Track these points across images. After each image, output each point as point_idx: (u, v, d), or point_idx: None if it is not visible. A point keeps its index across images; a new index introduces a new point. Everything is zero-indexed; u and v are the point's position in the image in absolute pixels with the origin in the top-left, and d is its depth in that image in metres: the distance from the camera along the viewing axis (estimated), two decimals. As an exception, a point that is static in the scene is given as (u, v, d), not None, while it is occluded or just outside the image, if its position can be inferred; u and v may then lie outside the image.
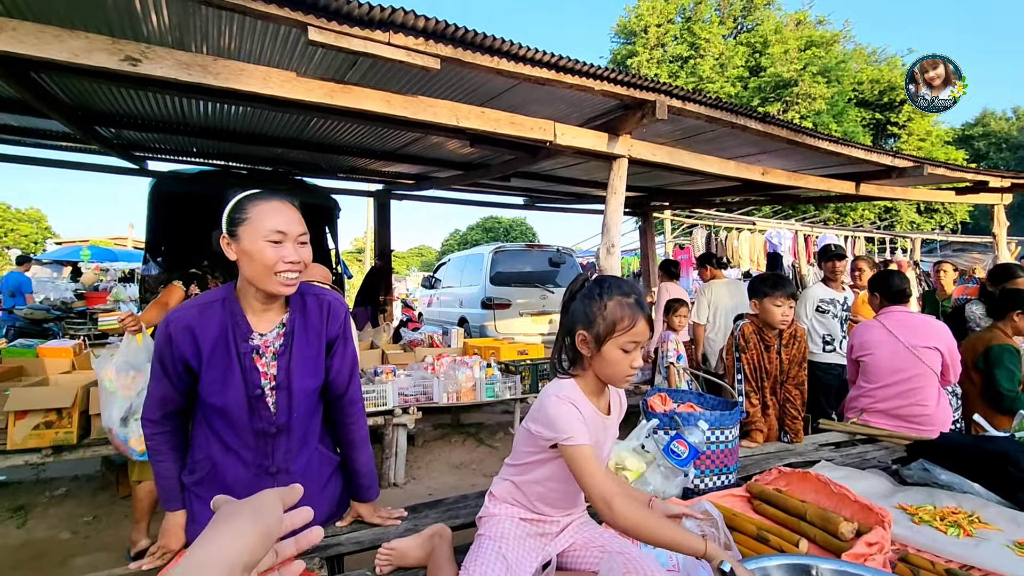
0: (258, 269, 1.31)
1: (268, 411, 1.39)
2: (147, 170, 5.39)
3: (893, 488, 1.88)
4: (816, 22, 22.99)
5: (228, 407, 1.36)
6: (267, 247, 1.30)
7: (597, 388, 1.30)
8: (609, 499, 1.12)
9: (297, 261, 1.33)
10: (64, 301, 9.80)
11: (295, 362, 1.41)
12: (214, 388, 1.35)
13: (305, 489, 1.49)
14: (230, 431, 1.39)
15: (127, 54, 2.21)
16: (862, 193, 5.36)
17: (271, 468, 1.42)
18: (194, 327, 1.34)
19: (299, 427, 1.45)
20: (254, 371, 1.37)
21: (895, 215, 20.00)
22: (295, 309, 1.44)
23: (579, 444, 1.17)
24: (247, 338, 1.37)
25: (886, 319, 2.87)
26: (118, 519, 3.35)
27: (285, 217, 1.32)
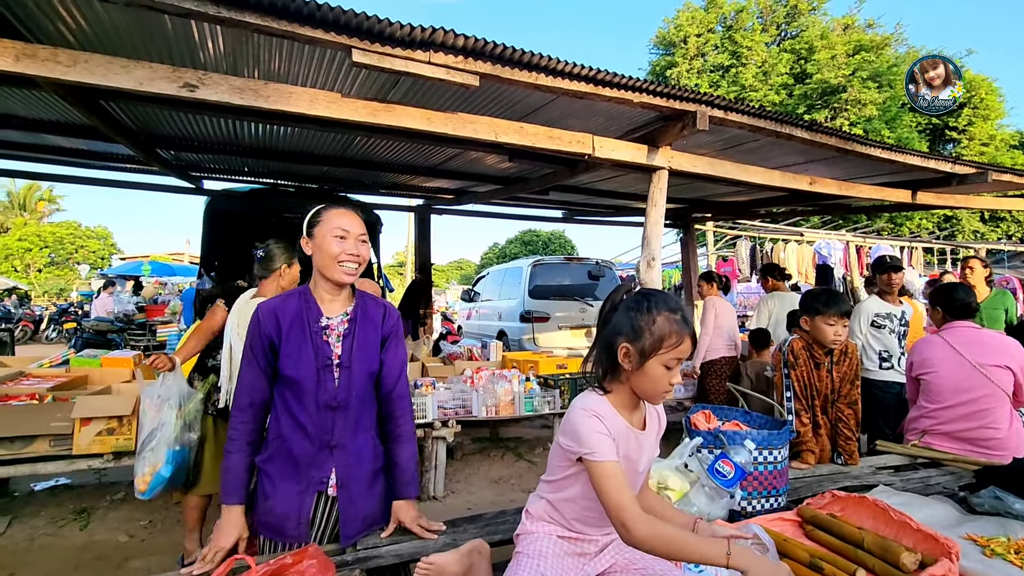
0: (325, 258, 1.59)
1: (332, 384, 1.60)
2: (203, 189, 5.68)
3: (961, 517, 1.75)
4: (865, 26, 22.23)
5: (300, 378, 1.57)
6: (333, 241, 1.58)
7: (631, 402, 1.27)
8: (624, 519, 1.10)
9: (356, 254, 1.61)
10: (126, 313, 10.38)
11: (356, 345, 1.64)
12: (290, 361, 1.58)
13: (356, 472, 1.61)
14: (299, 404, 1.59)
15: (186, 81, 2.34)
16: (919, 202, 5.10)
17: (331, 442, 1.60)
18: (277, 310, 1.61)
19: (355, 407, 1.64)
20: (325, 346, 1.61)
21: (956, 224, 18.94)
22: (358, 304, 1.69)
23: (602, 460, 1.14)
24: (318, 319, 1.62)
25: (950, 335, 2.70)
26: (171, 524, 3.49)
27: (349, 219, 1.62)
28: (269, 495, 1.59)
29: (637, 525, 1.09)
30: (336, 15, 2.12)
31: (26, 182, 30.52)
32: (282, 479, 1.59)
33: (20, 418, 3.00)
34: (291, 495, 1.58)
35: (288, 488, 1.59)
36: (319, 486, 1.60)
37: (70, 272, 28.85)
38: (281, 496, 1.58)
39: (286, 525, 1.58)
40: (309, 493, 1.59)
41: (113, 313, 10.30)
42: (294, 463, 1.59)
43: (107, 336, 9.56)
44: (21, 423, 2.99)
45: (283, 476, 1.59)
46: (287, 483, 1.59)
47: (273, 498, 1.58)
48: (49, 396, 3.23)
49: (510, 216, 7.63)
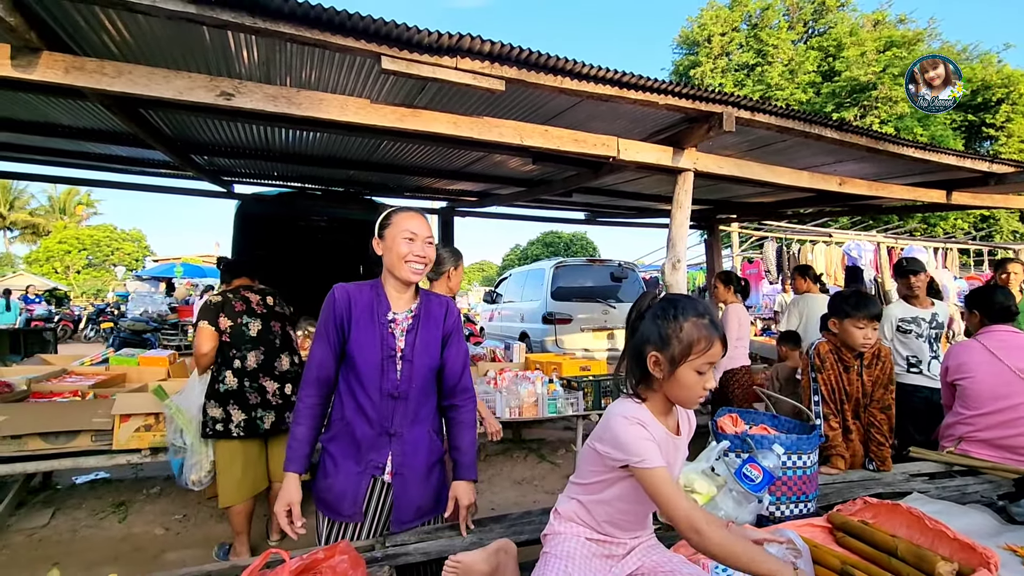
0: (394, 258, 1.69)
1: (395, 375, 1.70)
2: (233, 193, 5.82)
3: (999, 527, 1.70)
4: (896, 21, 21.65)
5: (365, 364, 1.67)
6: (403, 242, 1.69)
7: (665, 408, 1.28)
8: (697, 524, 1.09)
9: (423, 255, 1.72)
10: (160, 314, 10.72)
11: (419, 341, 1.73)
12: (358, 346, 1.68)
13: (411, 461, 1.69)
14: (362, 390, 1.68)
15: (222, 89, 2.42)
16: (954, 202, 4.96)
17: (391, 429, 1.69)
18: (352, 295, 1.72)
19: (415, 399, 1.72)
20: (390, 338, 1.71)
21: (994, 224, 18.28)
22: (422, 302, 1.80)
23: (654, 467, 1.14)
24: (386, 313, 1.73)
25: (987, 339, 2.63)
26: (205, 519, 3.60)
27: (417, 223, 1.73)
28: (329, 473, 1.70)
29: (712, 531, 1.08)
30: (366, 24, 2.17)
31: (66, 187, 31.70)
32: (343, 459, 1.69)
33: (65, 414, 3.13)
34: (350, 475, 1.68)
35: (348, 468, 1.68)
36: (375, 470, 1.69)
37: (107, 273, 29.85)
38: (341, 475, 1.68)
39: (342, 504, 1.67)
40: (366, 475, 1.68)
41: (148, 313, 10.64)
42: (355, 445, 1.69)
43: (142, 336, 9.87)
44: (66, 418, 3.11)
45: (344, 456, 1.69)
46: (347, 463, 1.69)
47: (333, 476, 1.69)
48: (91, 393, 3.37)
49: (533, 218, 7.63)
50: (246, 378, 2.93)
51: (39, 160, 4.85)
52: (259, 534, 3.27)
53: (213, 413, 2.90)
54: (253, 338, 2.99)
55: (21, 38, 2.08)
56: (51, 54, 2.20)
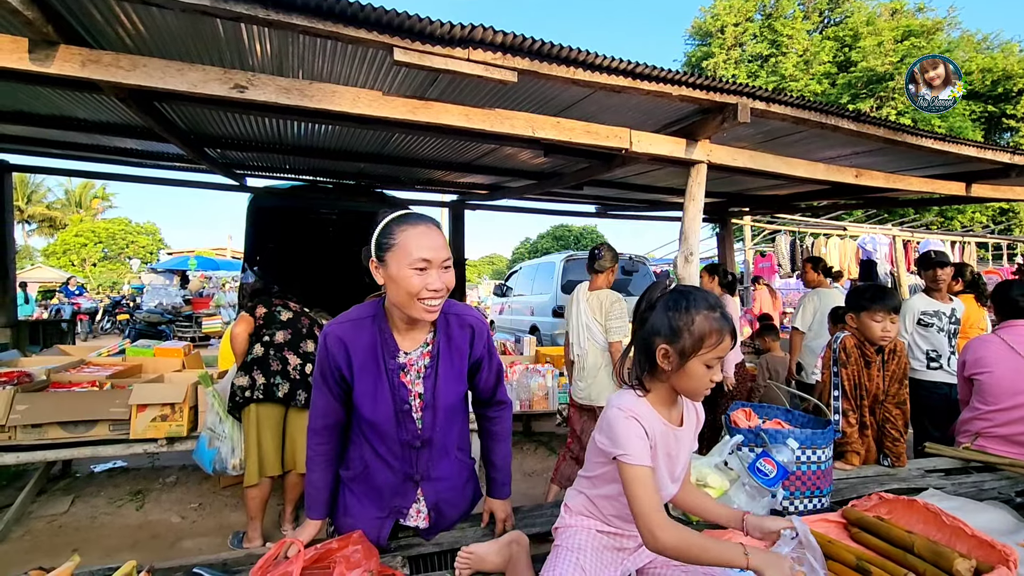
0: (403, 296, 1.33)
1: (414, 425, 1.47)
2: (246, 186, 5.87)
3: (1018, 524, 1.68)
4: (915, 10, 21.21)
5: (378, 420, 1.44)
6: (413, 275, 1.30)
7: (669, 399, 1.27)
8: (651, 525, 1.11)
9: (440, 289, 1.34)
10: (175, 306, 10.86)
11: (441, 381, 1.47)
12: (365, 400, 1.43)
13: (446, 493, 1.55)
14: (379, 441, 1.48)
15: (236, 82, 2.43)
16: (974, 195, 4.87)
17: (415, 476, 1.52)
18: (346, 340, 1.42)
19: (440, 438, 1.52)
20: (402, 388, 1.44)
21: (1013, 217, 17.94)
22: (440, 330, 1.48)
23: (635, 463, 1.14)
24: (394, 356, 1.44)
25: (1007, 334, 2.58)
26: (219, 508, 3.65)
27: (431, 243, 1.32)
28: (350, 512, 1.54)
29: (664, 531, 1.10)
30: (378, 15, 2.17)
31: (82, 180, 32.11)
32: (364, 501, 1.53)
33: (83, 403, 3.19)
34: (371, 519, 1.52)
35: (369, 512, 1.52)
36: (399, 515, 1.54)
37: (122, 266, 30.25)
38: (361, 519, 1.52)
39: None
40: (390, 519, 1.54)
41: (163, 305, 10.78)
42: (377, 490, 1.52)
43: (157, 327, 10.02)
44: (84, 408, 3.17)
45: (365, 498, 1.53)
46: (369, 507, 1.52)
47: (354, 517, 1.53)
48: (108, 383, 3.42)
49: (544, 211, 7.62)
50: (272, 348, 3.12)
51: (56, 154, 4.93)
52: (272, 522, 3.32)
53: (240, 382, 3.05)
54: (283, 321, 3.20)
55: (38, 32, 2.11)
56: (68, 48, 2.22)
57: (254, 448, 3.00)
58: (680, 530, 1.11)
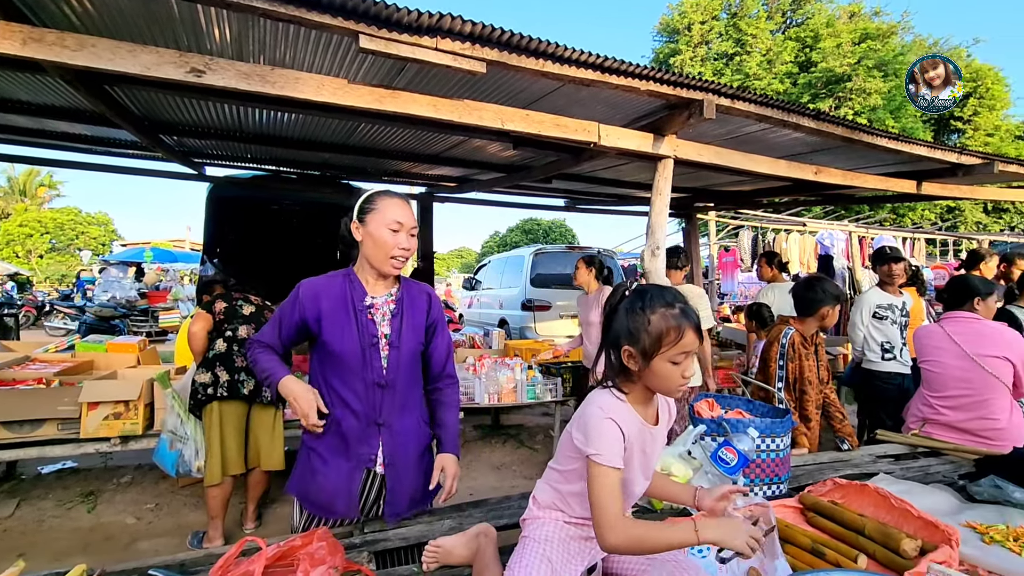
0: (375, 249, 1.59)
1: (380, 363, 1.62)
2: (205, 175, 5.65)
3: (960, 505, 1.77)
4: (872, 14, 21.98)
5: (344, 353, 1.59)
6: (387, 233, 1.58)
7: (646, 398, 1.28)
8: (604, 530, 1.12)
9: (407, 248, 1.61)
10: (129, 300, 10.42)
11: (406, 325, 1.66)
12: (334, 337, 1.59)
13: (403, 447, 1.63)
14: (344, 384, 1.60)
15: (192, 66, 2.33)
16: (924, 192, 5.08)
17: (379, 420, 1.63)
18: (319, 289, 1.63)
19: (402, 387, 1.66)
20: (370, 324, 1.62)
21: (959, 215, 18.87)
22: (403, 287, 1.72)
23: (604, 464, 1.15)
24: (362, 299, 1.64)
25: (949, 324, 2.72)
26: (178, 507, 3.54)
27: (404, 211, 1.61)
28: (318, 470, 1.62)
29: (614, 532, 1.11)
30: (343, 0, 2.11)
31: (26, 168, 30.42)
32: (331, 456, 1.62)
33: (28, 402, 3.02)
34: (341, 472, 1.61)
35: (339, 464, 1.61)
36: (368, 463, 1.63)
37: (71, 258, 28.84)
38: (332, 472, 1.61)
39: (336, 503, 1.61)
40: (359, 469, 1.62)
41: (117, 299, 10.33)
42: (343, 440, 1.61)
43: (110, 322, 9.60)
44: (29, 407, 3.01)
45: (333, 453, 1.62)
46: (337, 459, 1.61)
47: (323, 474, 1.61)
48: (56, 380, 3.26)
49: (512, 204, 7.60)
50: (236, 344, 3.03)
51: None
52: (234, 521, 3.24)
53: (202, 379, 2.96)
54: (246, 316, 3.12)
55: (-27, 6, 1.97)
56: (7, 24, 2.08)
57: (216, 446, 2.91)
58: (630, 527, 1.13)
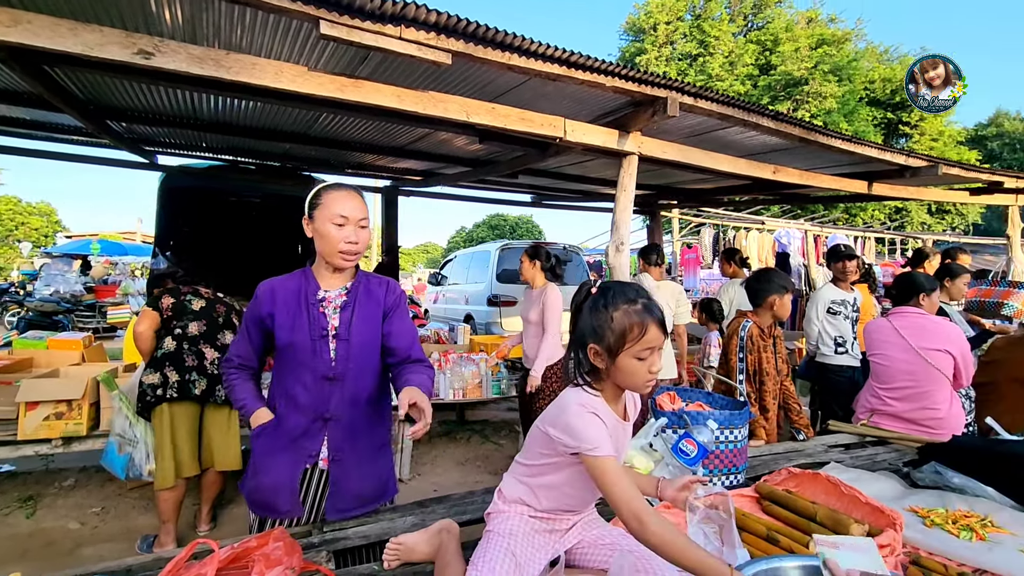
0: (324, 244, 1.58)
1: (328, 356, 1.59)
2: (156, 164, 5.41)
3: (904, 491, 1.86)
4: (828, 20, 22.78)
5: (295, 345, 1.58)
6: (332, 228, 1.56)
7: (615, 395, 1.28)
8: (640, 516, 1.08)
9: (355, 242, 1.58)
10: (74, 294, 9.90)
11: (356, 318, 1.62)
12: (284, 330, 1.59)
13: (350, 445, 1.59)
14: (293, 375, 1.60)
15: (140, 47, 2.21)
16: (874, 193, 5.30)
17: (326, 414, 1.60)
18: (276, 286, 1.63)
19: (353, 380, 1.62)
20: (320, 317, 1.60)
21: (906, 216, 19.81)
22: (360, 280, 1.69)
23: (605, 456, 1.14)
24: (315, 293, 1.63)
25: (896, 319, 2.84)
26: (126, 510, 3.38)
27: (350, 204, 1.58)
28: (260, 469, 1.61)
29: (653, 525, 1.07)
30: (302, -16, 2.04)
31: (-41, 152, 28.44)
32: (273, 452, 1.60)
33: (-42, 402, 2.84)
34: (282, 467, 1.59)
35: (279, 460, 1.59)
36: (308, 459, 1.60)
37: (10, 250, 27.19)
38: (272, 469, 1.59)
39: (279, 500, 1.58)
40: (299, 464, 1.59)
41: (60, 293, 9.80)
42: (286, 436, 1.60)
43: (52, 317, 9.11)
44: (-40, 407, 2.83)
45: (275, 450, 1.60)
46: (278, 455, 1.59)
47: (264, 472, 1.60)
48: (-9, 379, 3.07)
49: (478, 199, 7.57)
50: (186, 342, 2.89)
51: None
52: (187, 524, 3.12)
53: (150, 380, 2.81)
54: (196, 312, 2.97)
55: None
56: (-69, -4, 1.94)
57: (167, 450, 2.78)
58: (667, 526, 1.08)
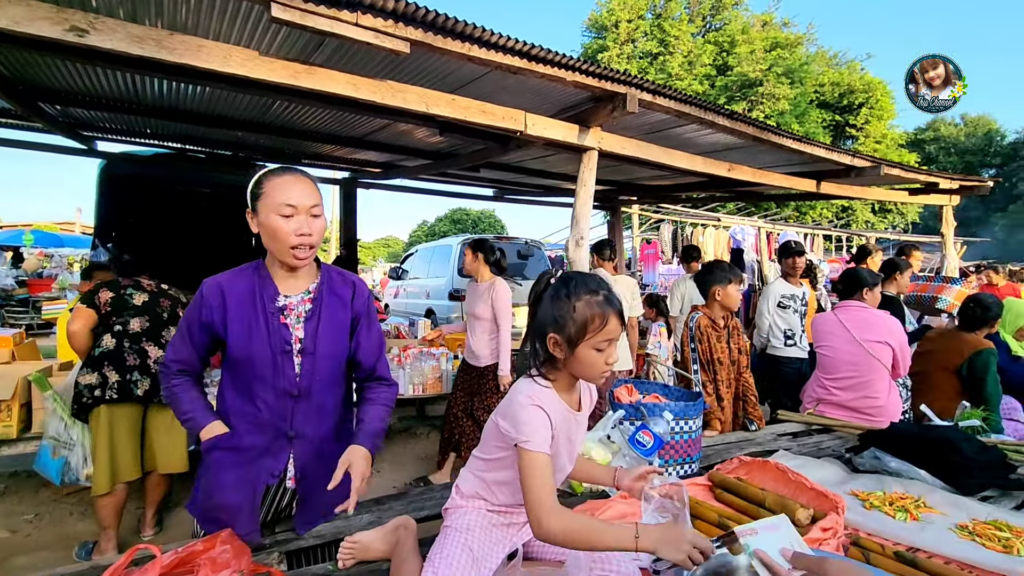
0: (274, 242, 1.38)
1: (293, 371, 1.44)
2: (96, 151, 5.10)
3: (846, 476, 1.95)
4: (781, 24, 23.58)
5: (254, 360, 1.41)
6: (279, 220, 1.35)
7: (569, 384, 1.29)
8: (540, 513, 1.10)
9: (309, 233, 1.38)
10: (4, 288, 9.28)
11: (322, 327, 1.46)
12: (240, 341, 1.41)
13: (317, 462, 1.46)
14: (249, 392, 1.43)
15: (73, 24, 2.07)
16: (822, 191, 5.53)
17: (289, 432, 1.46)
18: (224, 287, 1.42)
19: (319, 394, 1.48)
20: (282, 329, 1.43)
21: (851, 214, 20.79)
22: (323, 280, 1.51)
23: (535, 450, 1.15)
24: (273, 299, 1.44)
25: (842, 312, 2.97)
26: (62, 516, 3.20)
27: (296, 190, 1.37)
28: (213, 491, 1.44)
29: (551, 518, 1.09)
30: (252, -37, 1.95)
31: None
32: (231, 468, 1.44)
33: None
34: (241, 489, 1.43)
35: (236, 481, 1.43)
36: (271, 478, 1.47)
37: (-67, 240, 25.26)
38: (229, 491, 1.43)
39: (236, 523, 1.42)
40: (259, 484, 1.46)
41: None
42: (244, 455, 1.44)
43: (-19, 313, 8.51)
44: None
45: (232, 465, 1.44)
46: (235, 476, 1.43)
47: (218, 494, 1.43)
48: (-93, 380, 2.84)
49: (440, 193, 7.48)
50: (126, 339, 2.71)
51: None
52: (130, 529, 2.97)
53: (87, 380, 2.63)
54: (137, 307, 2.78)
55: None
56: None
57: (105, 454, 2.63)
58: (567, 517, 1.10)
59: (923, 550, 1.39)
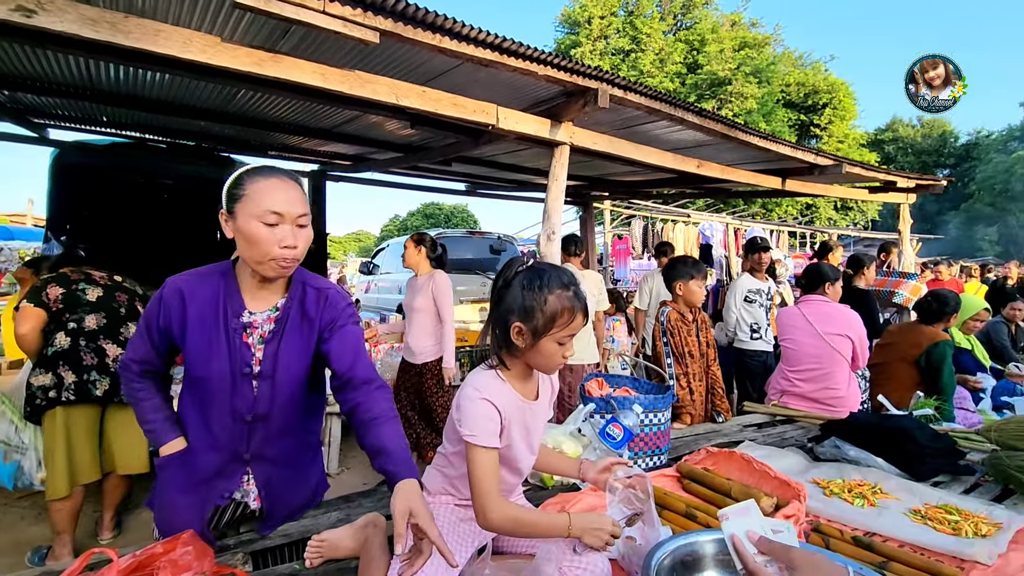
0: (251, 250, 1.25)
1: (251, 395, 1.35)
2: (48, 139, 4.86)
3: (808, 464, 2.01)
4: (750, 24, 24.05)
5: (209, 377, 1.31)
6: (261, 228, 1.22)
7: (525, 374, 1.29)
8: (484, 505, 1.14)
9: (293, 245, 1.26)
10: (-51, 283, 8.79)
11: (283, 351, 1.35)
12: (198, 357, 1.31)
13: (282, 475, 1.40)
14: (204, 412, 1.36)
15: (19, 3, 1.96)
16: (788, 188, 5.68)
17: (245, 455, 1.40)
18: (185, 291, 1.31)
19: (280, 416, 1.40)
20: (244, 348, 1.33)
21: (815, 212, 21.41)
22: (293, 297, 1.38)
23: (480, 445, 1.15)
24: (238, 314, 1.33)
25: (805, 307, 3.06)
26: (14, 521, 3.06)
27: (284, 196, 1.24)
28: (167, 506, 1.40)
29: (493, 512, 1.14)
30: (212, -55, 1.88)
31: None
32: (181, 491, 1.38)
33: None
34: (189, 508, 1.38)
35: (186, 501, 1.38)
36: (222, 499, 1.42)
37: None
38: (180, 509, 1.38)
39: None
40: (208, 504, 1.40)
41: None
42: (196, 474, 1.38)
43: (-76, 309, 8.04)
44: None
45: (183, 487, 1.38)
46: (187, 495, 1.38)
47: (170, 511, 1.39)
48: None
49: (411, 187, 7.39)
50: (82, 338, 2.57)
51: None
52: (88, 532, 2.86)
53: (41, 382, 2.49)
54: (92, 303, 2.64)
55: None
56: None
57: (62, 457, 2.52)
58: (508, 509, 1.16)
59: (879, 534, 1.45)
